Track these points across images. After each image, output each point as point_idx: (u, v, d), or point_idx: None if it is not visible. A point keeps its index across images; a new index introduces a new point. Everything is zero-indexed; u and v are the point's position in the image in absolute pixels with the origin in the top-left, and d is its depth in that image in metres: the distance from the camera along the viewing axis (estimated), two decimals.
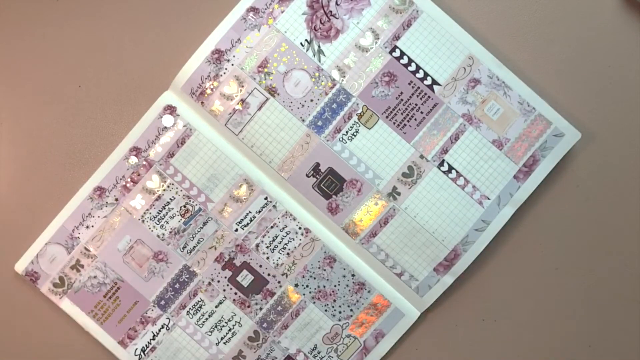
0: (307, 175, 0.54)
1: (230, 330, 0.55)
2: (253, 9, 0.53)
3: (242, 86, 0.54)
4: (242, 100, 0.54)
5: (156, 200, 0.54)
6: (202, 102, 0.54)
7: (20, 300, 0.56)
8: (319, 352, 0.55)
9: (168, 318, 0.55)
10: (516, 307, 0.55)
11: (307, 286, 0.54)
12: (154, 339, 0.55)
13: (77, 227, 0.54)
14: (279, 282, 0.54)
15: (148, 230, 0.54)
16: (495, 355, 0.55)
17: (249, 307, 0.54)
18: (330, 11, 0.53)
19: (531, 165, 0.53)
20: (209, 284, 0.54)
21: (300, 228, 0.54)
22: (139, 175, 0.54)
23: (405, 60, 0.53)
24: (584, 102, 0.54)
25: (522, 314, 0.55)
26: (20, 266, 0.55)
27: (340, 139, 0.54)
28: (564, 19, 0.55)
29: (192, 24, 0.55)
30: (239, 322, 0.55)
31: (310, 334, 0.55)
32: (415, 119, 0.54)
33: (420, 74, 0.53)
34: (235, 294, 0.54)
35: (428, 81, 0.53)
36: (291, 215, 0.54)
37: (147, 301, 0.54)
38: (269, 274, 0.54)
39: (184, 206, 0.54)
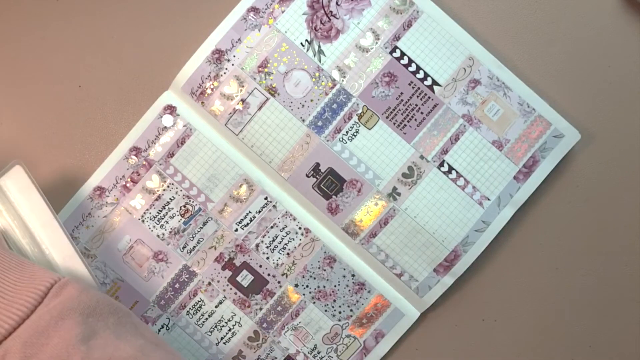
0: (307, 176, 0.54)
1: (230, 330, 0.55)
2: (253, 9, 0.53)
3: (243, 86, 0.54)
4: (242, 100, 0.54)
5: (156, 200, 0.54)
6: (202, 102, 0.54)
7: None
8: (318, 352, 0.55)
9: (168, 318, 0.55)
10: (516, 307, 0.55)
11: (307, 286, 0.54)
12: None
13: (77, 227, 0.54)
14: (279, 282, 0.54)
15: (148, 230, 0.54)
16: (495, 355, 0.55)
17: (249, 307, 0.55)
18: (331, 11, 0.53)
19: (531, 166, 0.53)
20: (209, 284, 0.54)
21: (300, 228, 0.54)
22: (138, 175, 0.54)
23: (405, 61, 0.53)
24: (583, 102, 0.54)
25: (522, 314, 0.55)
26: None
27: (341, 139, 0.54)
28: (564, 19, 0.55)
29: (192, 24, 0.55)
30: (239, 322, 0.55)
31: (310, 334, 0.55)
32: (416, 120, 0.54)
33: (421, 75, 0.53)
34: (235, 294, 0.54)
35: (428, 82, 0.53)
36: (291, 215, 0.54)
37: (147, 301, 0.54)
38: (269, 274, 0.54)
39: (184, 206, 0.54)
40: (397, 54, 0.53)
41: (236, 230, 0.54)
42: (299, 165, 0.54)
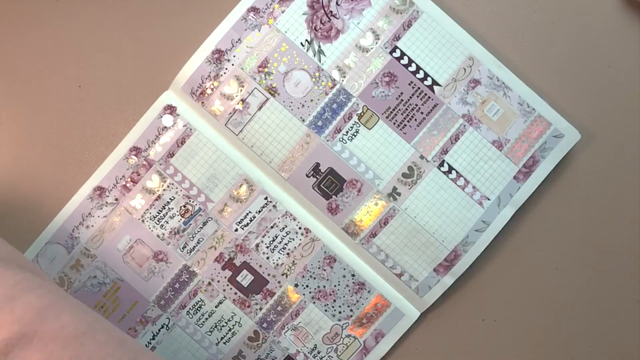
0: (307, 175, 0.54)
1: (230, 330, 0.55)
2: (253, 9, 0.53)
3: (243, 86, 0.54)
4: (243, 100, 0.54)
5: (156, 200, 0.54)
6: (203, 102, 0.54)
7: None
8: (318, 352, 0.55)
9: (168, 318, 0.55)
10: (516, 307, 0.55)
11: (307, 286, 0.54)
12: (153, 339, 0.55)
13: (77, 227, 0.54)
14: (279, 282, 0.54)
15: (148, 230, 0.54)
16: (495, 355, 0.55)
17: (248, 307, 0.55)
18: (331, 11, 0.53)
19: (531, 166, 0.53)
20: (209, 284, 0.54)
21: (300, 228, 0.54)
22: (138, 175, 0.54)
23: (405, 61, 0.53)
24: (583, 102, 0.54)
25: (522, 314, 0.55)
26: None
27: (341, 139, 0.54)
28: (564, 19, 0.55)
29: (192, 24, 0.55)
30: (239, 322, 0.55)
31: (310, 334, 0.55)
32: (416, 120, 0.54)
33: (421, 75, 0.53)
34: (235, 294, 0.54)
35: (428, 82, 0.53)
36: (291, 215, 0.54)
37: (147, 301, 0.54)
38: (269, 274, 0.54)
39: (184, 206, 0.54)
40: (397, 54, 0.53)
41: (236, 230, 0.54)
42: (299, 165, 0.54)
